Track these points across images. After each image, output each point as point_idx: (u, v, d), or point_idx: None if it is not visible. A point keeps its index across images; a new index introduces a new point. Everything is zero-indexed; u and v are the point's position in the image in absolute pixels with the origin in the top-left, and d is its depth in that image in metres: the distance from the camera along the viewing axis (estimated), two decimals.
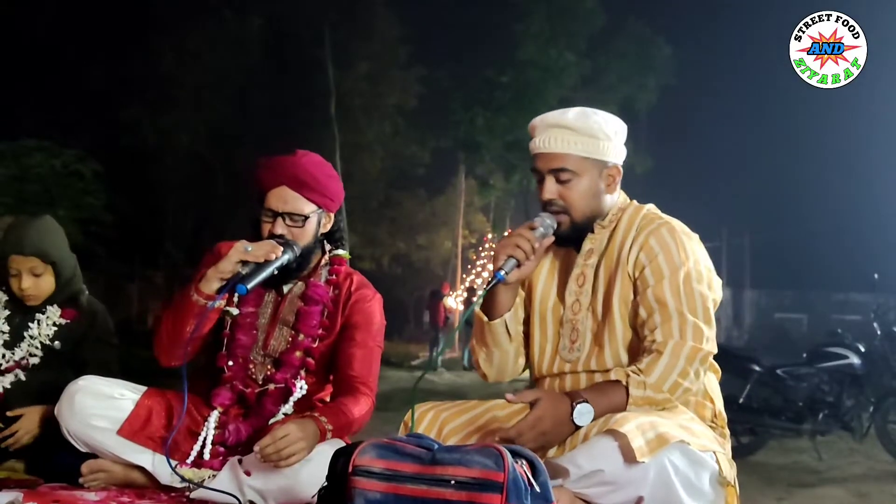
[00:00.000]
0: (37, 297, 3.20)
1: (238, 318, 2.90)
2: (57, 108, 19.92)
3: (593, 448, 2.19)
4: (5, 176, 12.92)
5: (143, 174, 21.58)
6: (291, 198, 2.83)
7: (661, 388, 2.34)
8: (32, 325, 3.20)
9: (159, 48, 22.10)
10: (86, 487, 2.80)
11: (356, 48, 24.86)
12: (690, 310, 2.40)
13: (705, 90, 31.91)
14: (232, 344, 2.91)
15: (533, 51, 20.77)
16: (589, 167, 2.54)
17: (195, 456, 2.81)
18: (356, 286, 2.99)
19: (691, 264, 2.46)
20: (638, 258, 2.49)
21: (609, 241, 2.58)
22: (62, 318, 3.25)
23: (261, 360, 2.93)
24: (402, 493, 1.76)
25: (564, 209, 2.55)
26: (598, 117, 2.55)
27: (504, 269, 2.49)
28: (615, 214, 2.60)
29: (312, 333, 2.92)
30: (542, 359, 2.65)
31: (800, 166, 33.21)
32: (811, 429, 8.10)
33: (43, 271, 3.17)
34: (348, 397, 2.83)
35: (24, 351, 3.19)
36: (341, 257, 3.04)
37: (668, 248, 2.47)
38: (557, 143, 2.53)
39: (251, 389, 2.90)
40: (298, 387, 2.89)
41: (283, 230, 2.82)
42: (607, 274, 2.55)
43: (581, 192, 2.54)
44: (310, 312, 2.92)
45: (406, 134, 26.90)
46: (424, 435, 2.05)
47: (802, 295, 33.25)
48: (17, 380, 3.17)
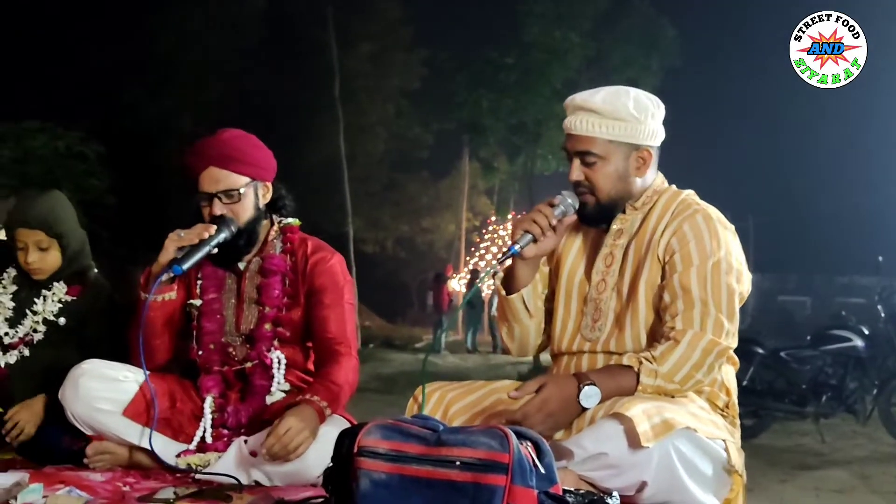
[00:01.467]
0: (42, 270, 3.18)
1: (202, 307, 2.94)
2: (59, 90, 19.90)
3: (598, 431, 2.18)
4: (8, 158, 12.92)
5: (146, 156, 21.53)
6: (222, 176, 2.83)
7: (673, 379, 2.33)
8: (38, 300, 3.19)
9: (160, 29, 22.01)
10: (91, 468, 2.82)
11: (359, 29, 24.76)
12: (715, 301, 2.37)
13: (710, 72, 31.81)
14: (199, 333, 2.94)
15: (537, 32, 20.64)
16: (616, 150, 2.50)
17: (199, 440, 2.83)
18: (312, 250, 2.99)
19: (722, 254, 2.42)
20: (669, 243, 2.46)
21: (642, 223, 2.55)
22: (68, 296, 3.23)
23: (239, 342, 2.95)
24: (407, 474, 1.76)
25: (590, 190, 2.53)
26: (629, 99, 2.50)
27: (519, 243, 2.49)
28: (650, 197, 2.57)
29: (276, 304, 2.93)
30: (563, 335, 2.63)
31: (803, 148, 33.14)
32: (814, 411, 8.12)
33: (48, 245, 3.15)
34: (331, 365, 2.84)
35: (28, 327, 3.18)
36: (292, 225, 3.04)
37: (700, 236, 2.43)
38: (583, 125, 2.50)
39: (228, 368, 2.93)
40: (273, 358, 2.91)
41: (222, 209, 2.83)
42: (637, 256, 2.53)
43: (607, 174, 2.51)
44: (270, 284, 2.94)
45: (409, 116, 26.81)
46: (430, 416, 2.05)
47: (806, 278, 33.20)
48: (21, 356, 3.17)
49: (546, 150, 22.18)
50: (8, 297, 3.22)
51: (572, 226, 2.66)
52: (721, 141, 36.88)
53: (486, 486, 1.72)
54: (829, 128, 28.06)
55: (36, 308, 3.19)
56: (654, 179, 2.60)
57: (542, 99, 20.28)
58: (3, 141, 12.87)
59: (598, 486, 2.19)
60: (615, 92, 2.53)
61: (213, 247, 2.76)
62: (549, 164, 23.06)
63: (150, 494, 2.46)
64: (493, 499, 1.71)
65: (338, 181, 22.17)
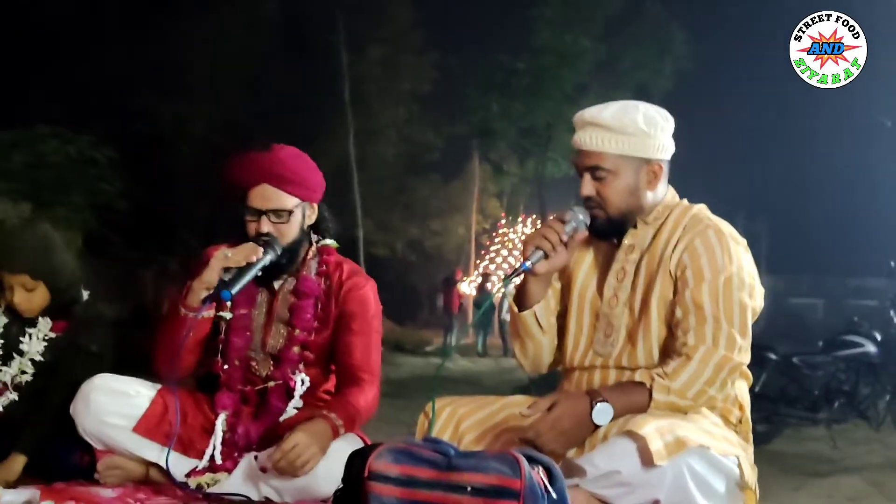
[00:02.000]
0: (30, 310, 3.12)
1: (231, 322, 2.91)
2: (71, 95, 19.95)
3: (611, 449, 2.17)
4: (20, 163, 12.96)
5: (158, 161, 21.59)
6: (274, 195, 2.82)
7: (686, 395, 2.32)
8: (24, 339, 3.13)
9: (172, 34, 22.08)
10: (102, 484, 2.81)
11: (369, 33, 24.78)
12: (727, 317, 2.36)
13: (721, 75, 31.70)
14: (226, 347, 2.91)
15: (548, 36, 20.65)
16: (626, 165, 2.49)
17: (208, 458, 2.82)
18: (347, 275, 2.97)
19: (734, 269, 2.41)
20: (681, 258, 2.45)
21: (654, 238, 2.54)
22: (52, 332, 3.16)
23: (262, 359, 2.94)
24: (418, 499, 1.76)
25: (601, 205, 2.52)
26: (637, 113, 2.49)
27: (531, 259, 2.48)
28: (661, 211, 2.56)
29: (307, 327, 2.91)
30: (575, 351, 2.62)
31: (816, 151, 32.97)
32: (827, 417, 8.08)
33: (34, 286, 3.08)
34: (352, 388, 2.84)
35: (16, 369, 3.11)
36: (329, 247, 3.03)
37: (712, 251, 2.42)
38: (593, 141, 2.49)
39: (250, 388, 2.91)
40: (298, 381, 2.89)
41: (269, 227, 2.81)
42: (648, 271, 2.51)
43: (617, 189, 2.50)
44: (302, 307, 2.92)
45: (420, 119, 26.81)
46: (441, 439, 2.04)
47: (818, 280, 33.08)
48: (11, 401, 3.09)
49: (556, 154, 22.18)
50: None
51: (583, 241, 2.65)
52: (732, 144, 36.76)
53: None
54: (841, 130, 27.92)
55: (23, 348, 3.12)
56: (666, 193, 2.59)
57: (552, 103, 20.29)
58: (16, 146, 12.91)
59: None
60: (624, 107, 2.51)
61: (258, 270, 2.74)
62: (559, 167, 23.05)
63: None
64: None
65: (348, 184, 22.19)
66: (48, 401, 2.96)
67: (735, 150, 37.37)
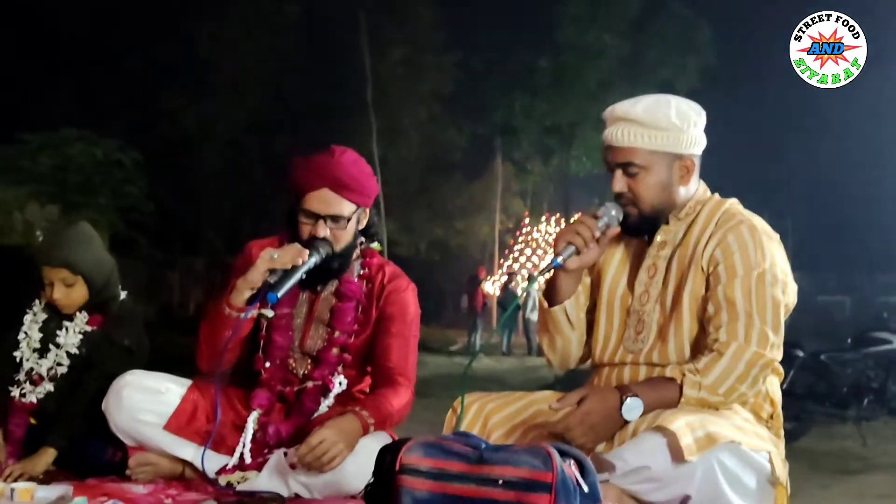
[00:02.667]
0: (69, 306, 3.20)
1: (273, 320, 2.91)
2: (97, 98, 20.12)
3: (641, 444, 2.17)
4: (48, 166, 13.11)
5: (182, 162, 21.74)
6: (334, 200, 2.80)
7: (717, 391, 2.30)
8: (60, 332, 3.22)
9: (196, 35, 22.22)
10: (133, 480, 2.84)
11: (392, 33, 24.82)
12: (759, 313, 2.34)
13: (746, 72, 31.55)
14: (268, 346, 2.91)
15: (572, 33, 20.63)
16: (658, 160, 2.47)
17: (238, 457, 2.83)
18: (389, 278, 2.98)
19: (767, 265, 2.38)
20: (713, 254, 2.42)
21: (686, 234, 2.52)
22: (88, 326, 3.24)
23: (300, 358, 2.95)
24: (449, 492, 1.75)
25: (633, 201, 2.50)
26: (670, 108, 2.46)
27: (562, 255, 2.46)
28: (693, 207, 2.53)
29: (347, 330, 2.92)
30: (606, 347, 2.61)
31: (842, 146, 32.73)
32: (856, 414, 8.02)
33: (73, 282, 3.16)
34: (388, 389, 2.84)
35: (52, 361, 3.20)
36: (373, 250, 3.03)
37: (745, 247, 2.39)
38: (625, 136, 2.46)
39: (290, 388, 2.92)
40: (336, 382, 2.91)
41: (325, 233, 2.80)
42: (680, 267, 2.49)
43: (650, 185, 2.47)
44: (344, 309, 2.92)
45: (443, 119, 26.83)
46: (471, 433, 2.04)
47: (845, 277, 32.84)
48: (47, 392, 3.18)
49: (580, 152, 22.13)
50: (37, 328, 3.25)
51: (614, 237, 2.64)
52: (757, 141, 36.57)
53: None
54: (868, 126, 27.71)
55: (59, 341, 3.21)
56: (697, 189, 2.57)
57: (576, 101, 20.25)
58: (43, 149, 13.07)
59: (641, 500, 2.17)
60: (656, 101, 2.49)
61: (303, 273, 2.73)
62: (583, 165, 23.01)
63: None
64: None
65: None
66: (81, 393, 3.01)
67: (761, 146, 37.16)
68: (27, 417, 3.17)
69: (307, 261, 2.72)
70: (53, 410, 3.14)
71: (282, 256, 2.72)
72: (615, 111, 2.51)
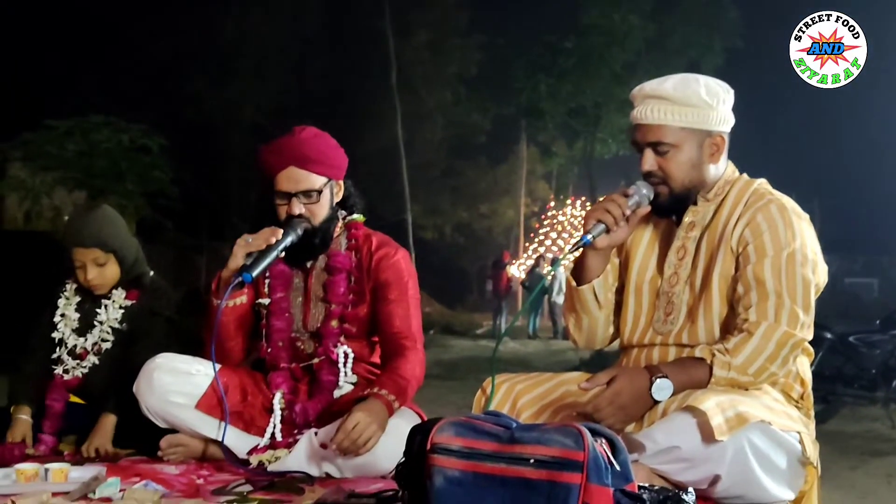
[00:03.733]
0: (103, 285, 3.27)
1: (271, 306, 2.98)
2: (122, 84, 20.20)
3: (671, 424, 2.16)
4: (74, 152, 13.17)
5: (208, 147, 21.81)
6: (301, 176, 2.87)
7: (747, 371, 2.29)
8: (100, 310, 3.29)
9: (220, 20, 22.26)
10: (166, 461, 2.87)
11: (416, 17, 24.79)
12: (790, 292, 2.32)
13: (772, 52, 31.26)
14: (269, 331, 2.98)
15: (596, 15, 20.50)
16: (688, 137, 2.45)
17: (269, 436, 2.87)
18: (377, 246, 3.02)
19: (797, 245, 2.36)
20: (743, 234, 2.41)
21: (715, 214, 2.50)
22: (127, 300, 3.32)
23: (307, 338, 3.00)
24: (481, 472, 1.76)
25: (664, 180, 2.48)
26: (699, 85, 2.45)
27: (592, 233, 2.44)
28: (721, 188, 2.52)
29: (342, 301, 2.97)
30: (635, 329, 2.60)
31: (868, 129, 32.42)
32: (885, 396, 7.99)
33: (105, 261, 3.23)
34: (397, 359, 2.88)
35: (97, 336, 3.28)
36: (357, 221, 3.07)
37: (775, 227, 2.38)
38: (655, 114, 2.45)
39: (296, 365, 2.98)
40: (340, 353, 2.95)
41: (300, 209, 2.86)
42: (709, 248, 2.48)
43: (680, 163, 2.46)
44: (335, 281, 2.97)
45: (467, 102, 26.78)
46: (502, 413, 2.04)
47: (873, 259, 32.61)
48: (93, 364, 3.27)
49: (606, 134, 22.01)
50: (73, 309, 3.32)
51: (642, 219, 2.63)
52: (784, 121, 36.28)
53: (561, 485, 1.71)
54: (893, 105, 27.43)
55: (100, 317, 3.29)
56: (726, 168, 2.55)
57: (601, 82, 20.13)
58: (70, 135, 13.12)
59: (671, 480, 2.17)
60: (684, 79, 2.48)
61: (280, 251, 2.79)
62: (608, 147, 22.89)
63: (224, 487, 2.50)
64: (569, 497, 1.69)
65: (396, 168, 22.24)
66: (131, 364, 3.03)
67: (787, 128, 36.86)
68: (67, 394, 3.26)
69: (281, 239, 2.78)
70: (100, 384, 3.22)
71: (256, 239, 2.80)
72: (644, 89, 2.50)
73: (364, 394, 2.73)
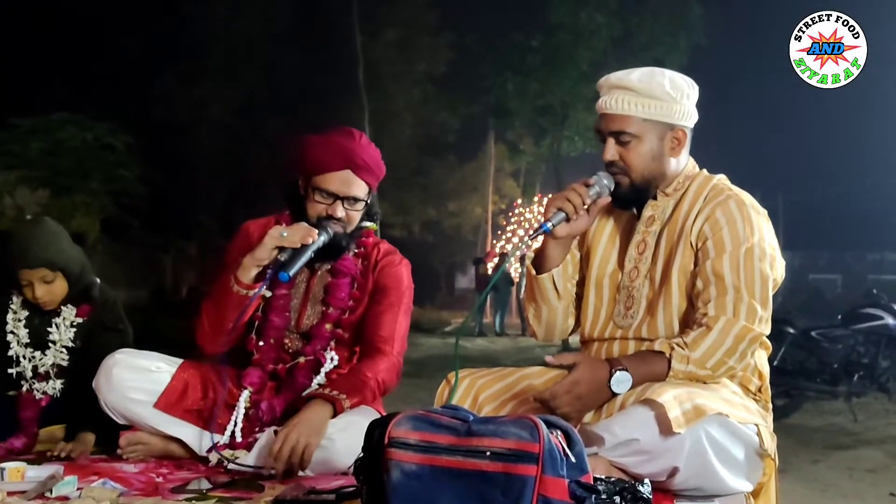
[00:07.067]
0: (52, 302, 3.19)
1: (271, 300, 2.91)
2: (88, 82, 20.01)
3: (629, 417, 2.18)
4: (39, 150, 13.05)
5: (175, 146, 21.65)
6: (354, 182, 2.84)
7: (705, 365, 2.31)
8: (52, 329, 3.21)
9: (189, 18, 22.12)
10: (125, 459, 2.84)
11: (384, 14, 24.75)
12: (748, 287, 2.35)
13: (736, 49, 31.51)
14: (264, 326, 2.92)
15: (563, 13, 20.57)
16: (651, 129, 2.47)
17: (230, 435, 2.83)
18: (383, 254, 3.02)
19: (756, 240, 2.39)
20: (702, 229, 2.43)
21: (674, 209, 2.52)
22: (78, 317, 3.25)
23: (295, 337, 2.96)
24: (437, 465, 1.76)
25: (624, 171, 2.50)
26: (664, 78, 2.47)
27: (552, 220, 2.46)
28: (681, 182, 2.54)
29: (342, 305, 2.93)
30: (595, 323, 2.62)
31: (835, 125, 32.80)
32: (847, 391, 8.09)
33: (53, 278, 3.15)
34: (365, 360, 2.87)
35: (53, 357, 3.21)
36: (368, 229, 3.04)
37: (734, 222, 2.40)
38: (619, 104, 2.47)
39: (282, 366, 2.92)
40: (329, 358, 2.91)
41: (342, 213, 2.84)
42: (669, 243, 2.50)
43: (641, 154, 2.48)
44: (338, 285, 2.94)
45: (436, 100, 26.78)
46: (460, 406, 2.04)
47: (837, 255, 32.95)
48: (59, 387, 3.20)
49: (573, 132, 22.10)
50: (22, 326, 3.24)
51: (602, 213, 2.64)
52: (748, 119, 36.58)
53: (516, 477, 1.71)
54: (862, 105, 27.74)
55: (53, 337, 3.21)
56: (687, 164, 2.57)
57: (568, 81, 20.20)
58: (34, 133, 13.00)
59: (630, 472, 2.18)
60: (650, 71, 2.50)
61: (312, 252, 2.74)
62: (575, 145, 22.98)
63: (183, 485, 2.47)
64: (524, 489, 1.70)
65: None
66: (87, 383, 2.97)
67: (751, 125, 37.16)
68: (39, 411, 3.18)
69: (317, 240, 2.74)
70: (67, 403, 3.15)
71: (291, 235, 2.74)
72: (610, 80, 2.52)
73: (305, 394, 2.73)
